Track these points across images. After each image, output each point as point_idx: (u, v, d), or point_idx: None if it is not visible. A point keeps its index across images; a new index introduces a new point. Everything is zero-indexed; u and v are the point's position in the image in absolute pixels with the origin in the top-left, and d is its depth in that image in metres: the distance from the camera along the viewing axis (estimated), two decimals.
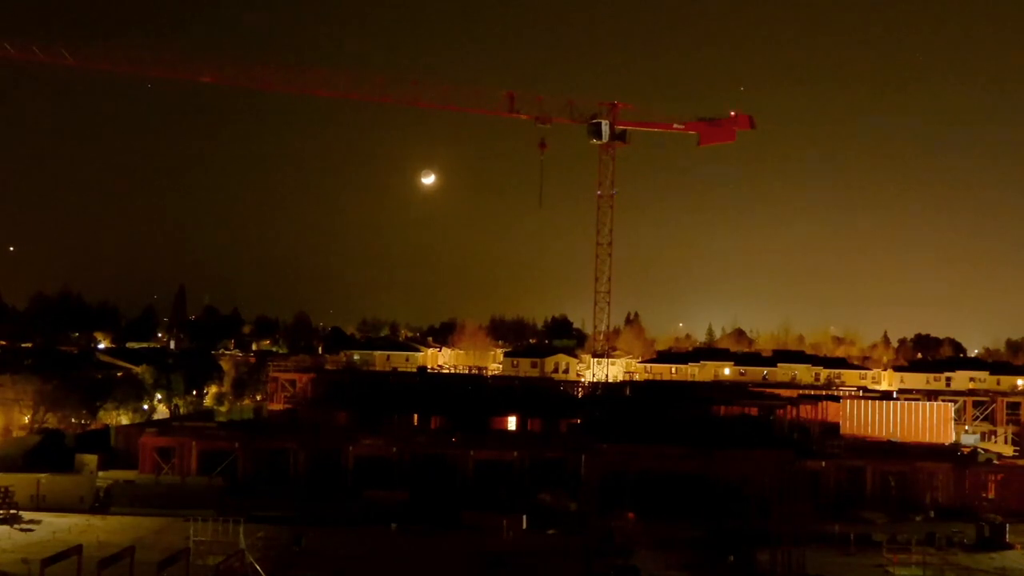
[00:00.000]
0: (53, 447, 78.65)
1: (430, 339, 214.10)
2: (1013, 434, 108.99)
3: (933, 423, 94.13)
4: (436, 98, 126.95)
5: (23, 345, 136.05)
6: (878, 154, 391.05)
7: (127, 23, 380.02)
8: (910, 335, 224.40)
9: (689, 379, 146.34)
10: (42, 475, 66.57)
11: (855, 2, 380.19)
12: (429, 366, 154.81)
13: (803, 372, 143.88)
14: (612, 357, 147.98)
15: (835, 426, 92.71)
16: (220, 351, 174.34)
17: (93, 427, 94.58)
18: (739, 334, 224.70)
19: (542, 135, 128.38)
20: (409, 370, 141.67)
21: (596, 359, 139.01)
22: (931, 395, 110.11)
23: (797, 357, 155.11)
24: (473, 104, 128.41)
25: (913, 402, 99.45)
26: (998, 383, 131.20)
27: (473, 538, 58.85)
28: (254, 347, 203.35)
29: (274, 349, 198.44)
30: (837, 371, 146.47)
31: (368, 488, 67.95)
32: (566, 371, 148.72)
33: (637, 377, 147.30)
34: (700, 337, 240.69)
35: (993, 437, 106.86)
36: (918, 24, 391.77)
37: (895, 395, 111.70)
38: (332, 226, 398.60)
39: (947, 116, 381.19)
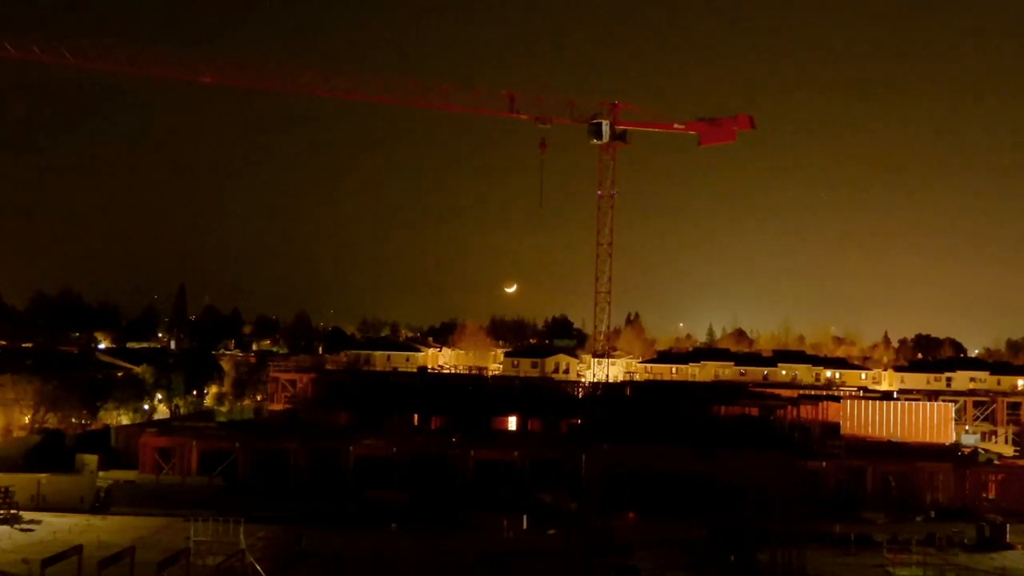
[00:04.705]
0: (53, 447, 78.62)
1: (430, 339, 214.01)
2: (1013, 434, 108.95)
3: (933, 423, 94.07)
4: (436, 98, 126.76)
5: (23, 345, 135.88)
6: (878, 155, 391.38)
7: (127, 23, 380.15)
8: (910, 335, 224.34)
9: (689, 379, 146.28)
10: (42, 475, 66.57)
11: (856, 3, 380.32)
12: (429, 366, 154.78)
13: (803, 372, 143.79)
14: (612, 357, 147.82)
15: (835, 426, 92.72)
16: (220, 351, 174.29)
17: (93, 427, 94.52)
18: (739, 334, 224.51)
19: (542, 135, 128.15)
20: (409, 370, 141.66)
21: (596, 359, 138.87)
22: (932, 395, 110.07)
23: (797, 357, 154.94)
24: (473, 104, 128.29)
25: (913, 402, 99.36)
26: (998, 383, 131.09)
27: (473, 538, 58.86)
28: (254, 347, 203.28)
29: (274, 349, 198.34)
30: (837, 371, 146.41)
31: (368, 488, 67.94)
32: (566, 371, 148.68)
33: (637, 377, 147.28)
34: (700, 337, 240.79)
35: (993, 437, 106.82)
36: (919, 26, 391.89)
37: (895, 395, 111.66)
38: (332, 226, 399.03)
39: (947, 117, 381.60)
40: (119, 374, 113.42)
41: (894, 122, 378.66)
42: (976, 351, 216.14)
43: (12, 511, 61.15)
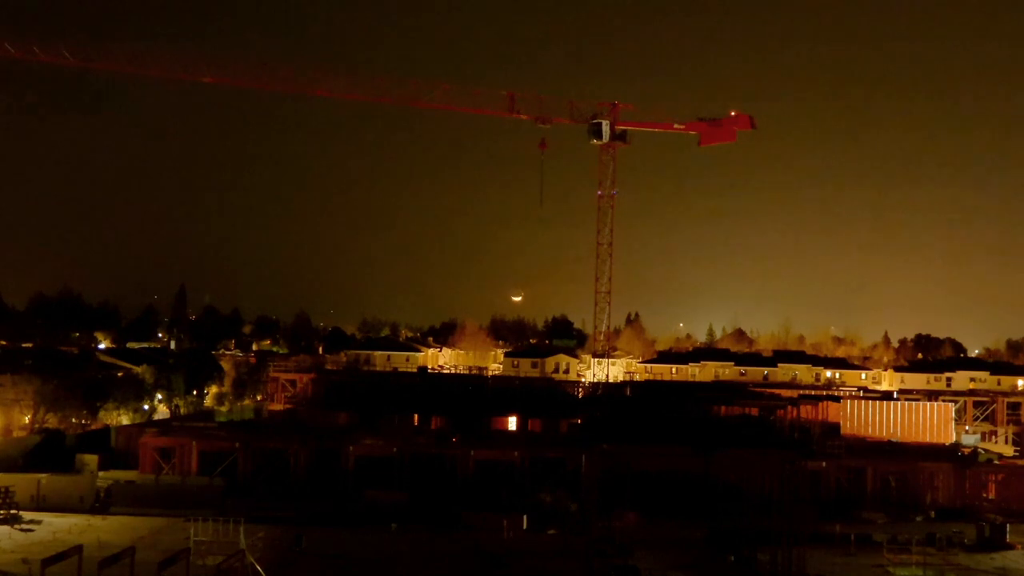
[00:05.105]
0: (53, 447, 78.57)
1: (430, 339, 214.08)
2: (1014, 434, 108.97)
3: (933, 423, 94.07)
4: (436, 98, 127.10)
5: (23, 345, 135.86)
6: (879, 154, 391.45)
7: (128, 24, 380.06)
8: (910, 335, 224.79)
9: (690, 379, 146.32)
10: (42, 475, 66.52)
11: (856, 5, 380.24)
12: (430, 366, 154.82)
13: (803, 372, 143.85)
14: (612, 357, 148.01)
15: (835, 426, 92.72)
16: (220, 351, 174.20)
17: (93, 427, 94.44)
18: (739, 334, 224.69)
19: (542, 135, 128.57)
20: (410, 370, 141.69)
21: (596, 359, 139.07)
22: (932, 395, 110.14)
23: (797, 357, 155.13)
24: (473, 104, 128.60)
25: (914, 402, 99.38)
26: (998, 383, 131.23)
27: (473, 538, 58.83)
28: (254, 347, 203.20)
29: (274, 349, 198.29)
30: (837, 371, 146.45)
31: (368, 488, 67.90)
32: (566, 371, 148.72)
33: (637, 377, 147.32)
34: (701, 337, 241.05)
35: (993, 437, 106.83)
36: (920, 25, 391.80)
37: (895, 395, 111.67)
38: (332, 226, 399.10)
39: (947, 117, 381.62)
40: (119, 374, 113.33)
41: (894, 122, 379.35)
42: (976, 351, 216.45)
43: (12, 511, 61.06)
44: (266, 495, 67.60)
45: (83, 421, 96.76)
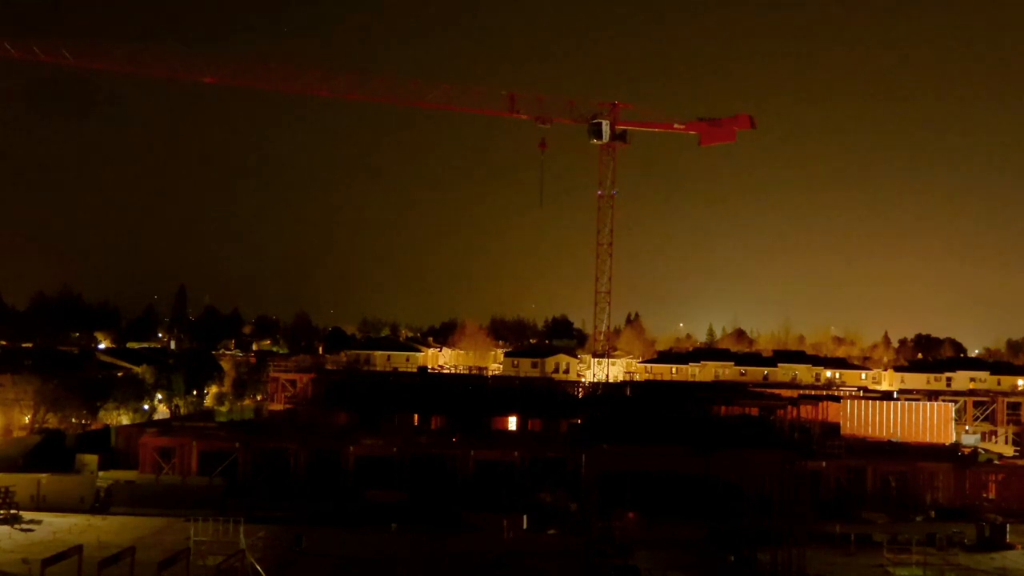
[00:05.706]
0: (53, 447, 78.59)
1: (430, 339, 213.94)
2: (1014, 434, 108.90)
3: (934, 423, 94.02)
4: (436, 98, 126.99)
5: (23, 345, 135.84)
6: (879, 154, 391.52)
7: (128, 24, 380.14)
8: (910, 335, 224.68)
9: (689, 379, 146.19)
10: (43, 475, 66.55)
11: (856, 5, 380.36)
12: (430, 366, 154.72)
13: (803, 372, 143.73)
14: (612, 357, 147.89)
15: (835, 426, 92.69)
16: (220, 351, 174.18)
17: (93, 427, 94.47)
18: (740, 334, 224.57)
19: (542, 135, 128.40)
20: (410, 370, 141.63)
21: (596, 359, 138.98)
22: (932, 395, 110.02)
23: (797, 357, 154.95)
24: (473, 104, 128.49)
25: (914, 402, 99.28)
26: (999, 383, 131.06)
27: (473, 538, 58.85)
28: (254, 347, 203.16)
29: (274, 349, 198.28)
30: (837, 371, 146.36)
31: (368, 488, 67.93)
32: (566, 371, 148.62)
33: (637, 377, 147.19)
34: (701, 337, 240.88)
35: (994, 437, 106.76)
36: (919, 25, 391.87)
37: (895, 395, 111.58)
38: (332, 226, 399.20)
39: (948, 121, 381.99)
40: (119, 374, 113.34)
41: (894, 122, 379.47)
42: (976, 351, 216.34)
43: (12, 511, 61.11)
44: (266, 495, 67.60)
45: (83, 421, 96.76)
